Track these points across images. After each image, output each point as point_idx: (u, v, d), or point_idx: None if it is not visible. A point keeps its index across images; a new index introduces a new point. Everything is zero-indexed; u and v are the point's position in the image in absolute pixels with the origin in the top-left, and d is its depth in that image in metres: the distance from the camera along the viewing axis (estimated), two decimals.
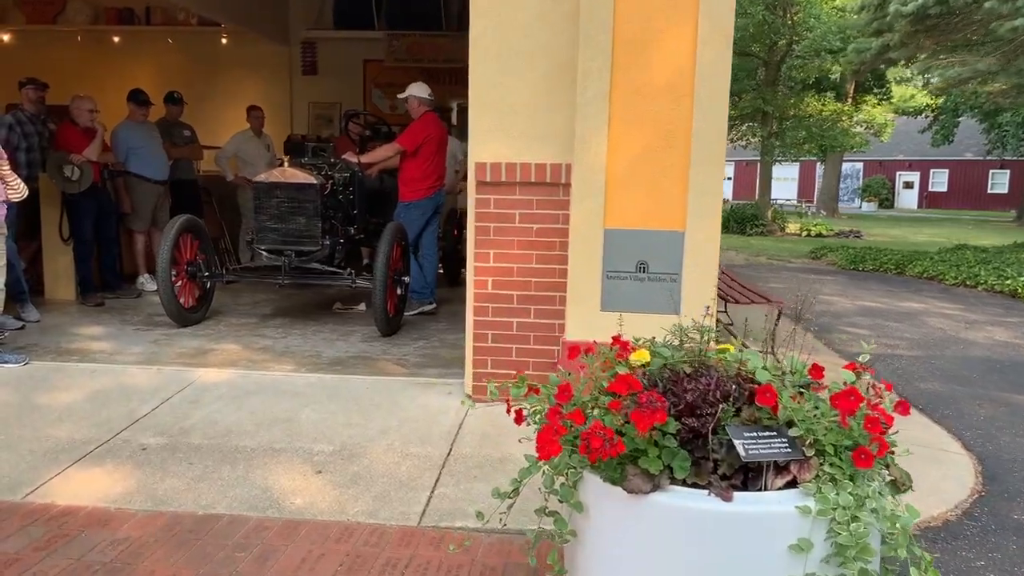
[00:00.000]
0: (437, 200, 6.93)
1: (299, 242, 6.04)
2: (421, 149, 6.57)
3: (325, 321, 6.46)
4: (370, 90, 12.08)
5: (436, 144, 6.73)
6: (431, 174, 6.75)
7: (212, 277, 6.22)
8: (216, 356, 5.25)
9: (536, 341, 4.29)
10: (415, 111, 6.67)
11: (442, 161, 6.88)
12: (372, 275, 5.96)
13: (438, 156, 6.78)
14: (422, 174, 6.66)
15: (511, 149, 4.22)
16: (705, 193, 4.03)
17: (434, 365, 5.14)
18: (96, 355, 5.22)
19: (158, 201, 7.83)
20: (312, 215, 5.99)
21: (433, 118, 6.71)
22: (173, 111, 8.46)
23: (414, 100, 6.65)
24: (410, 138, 6.53)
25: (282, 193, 5.96)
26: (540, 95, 4.17)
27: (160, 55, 11.77)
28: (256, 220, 6.04)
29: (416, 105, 6.65)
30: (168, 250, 5.78)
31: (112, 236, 7.30)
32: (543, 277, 4.24)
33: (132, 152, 7.57)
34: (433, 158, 6.72)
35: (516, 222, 4.23)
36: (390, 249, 5.78)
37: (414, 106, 6.66)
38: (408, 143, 6.52)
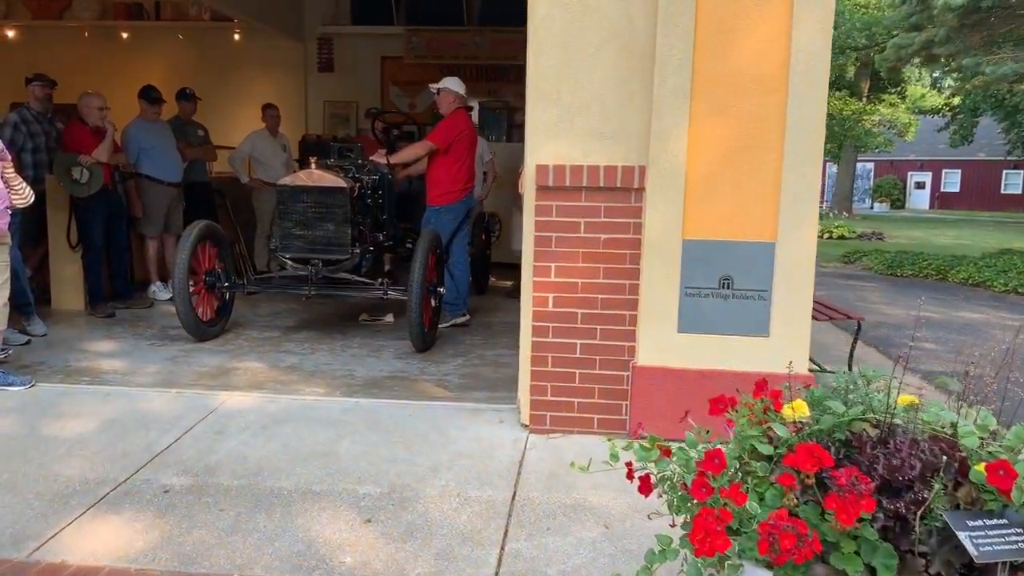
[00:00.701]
0: (468, 204, 6.47)
1: (327, 250, 5.57)
2: (452, 148, 6.11)
3: (352, 335, 6.00)
4: (388, 88, 11.62)
5: (468, 143, 6.28)
6: (462, 175, 6.29)
7: (232, 288, 5.76)
8: (239, 376, 4.79)
9: (603, 365, 3.82)
10: (446, 106, 6.21)
11: (473, 162, 6.42)
12: (406, 286, 5.50)
13: (469, 156, 6.32)
14: (453, 176, 6.20)
15: (576, 149, 3.75)
16: (800, 199, 3.56)
17: (478, 387, 4.67)
18: (108, 375, 4.76)
19: (171, 204, 7.38)
20: (341, 221, 5.53)
21: (464, 116, 6.27)
22: (186, 109, 8.01)
23: (448, 94, 6.19)
24: (442, 135, 6.07)
25: (308, 198, 5.49)
26: (611, 88, 3.70)
27: (170, 52, 11.34)
28: (280, 226, 5.58)
29: (449, 100, 6.19)
30: (185, 259, 5.33)
31: (123, 242, 6.85)
32: (611, 294, 3.78)
33: (144, 153, 7.12)
34: (465, 158, 6.26)
35: (581, 232, 3.76)
36: (426, 258, 5.32)
37: (447, 101, 6.20)
38: (441, 140, 6.06)
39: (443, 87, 6.21)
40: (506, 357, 5.38)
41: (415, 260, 5.26)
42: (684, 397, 3.72)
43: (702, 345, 3.70)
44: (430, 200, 6.25)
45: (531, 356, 3.89)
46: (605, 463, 2.01)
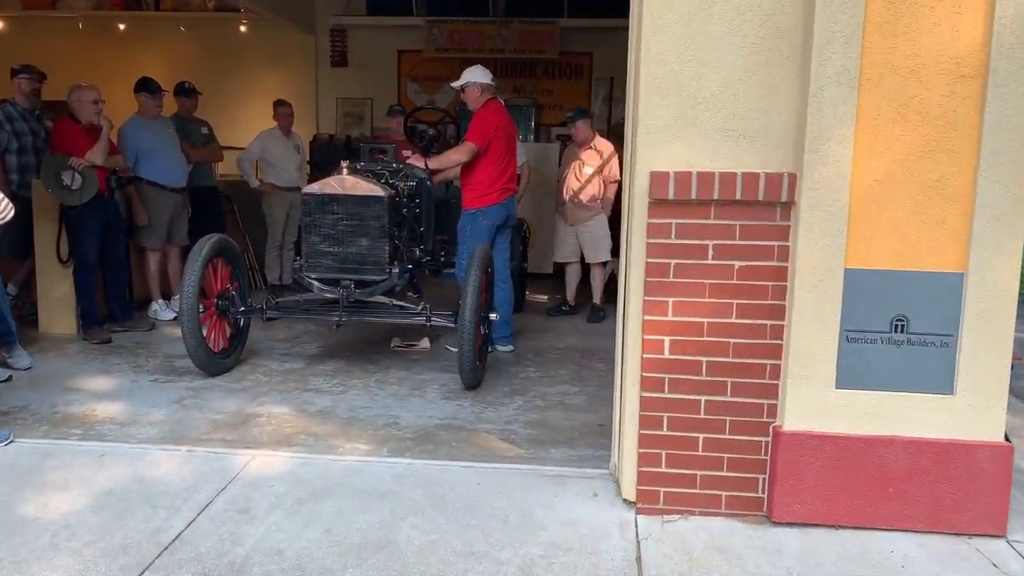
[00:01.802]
0: (509, 208, 5.63)
1: (361, 269, 4.75)
2: (490, 145, 5.30)
3: (386, 365, 5.18)
4: (406, 84, 10.81)
5: (506, 138, 5.46)
6: (503, 174, 5.47)
7: (249, 313, 4.93)
8: (262, 426, 3.96)
9: (734, 429, 3.00)
10: (475, 101, 5.40)
11: (514, 159, 5.60)
12: (453, 311, 4.69)
13: (509, 153, 5.51)
14: (493, 175, 5.38)
15: (703, 153, 2.94)
16: (999, 217, 2.75)
17: (553, 441, 3.85)
18: (104, 426, 3.94)
19: (175, 212, 6.55)
20: (378, 236, 4.70)
21: (499, 107, 5.45)
22: (186, 104, 7.17)
23: (474, 88, 5.38)
24: (480, 132, 5.25)
25: (340, 208, 4.67)
26: (748, 74, 2.89)
27: (171, 44, 10.51)
28: (306, 242, 4.75)
29: (477, 93, 5.38)
30: (195, 281, 4.50)
31: (121, 257, 6.02)
32: (747, 337, 2.96)
33: (144, 154, 6.30)
34: (504, 155, 5.45)
35: (709, 257, 2.94)
36: (480, 279, 4.49)
37: (474, 95, 5.39)
38: (479, 139, 5.24)
39: (466, 82, 5.40)
40: (572, 396, 4.56)
41: (467, 281, 4.44)
42: (842, 471, 2.91)
43: (867, 404, 2.89)
44: (466, 204, 5.43)
45: (640, 415, 3.07)
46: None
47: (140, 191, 6.28)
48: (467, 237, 5.42)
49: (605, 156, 6.75)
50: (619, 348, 3.29)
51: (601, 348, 5.81)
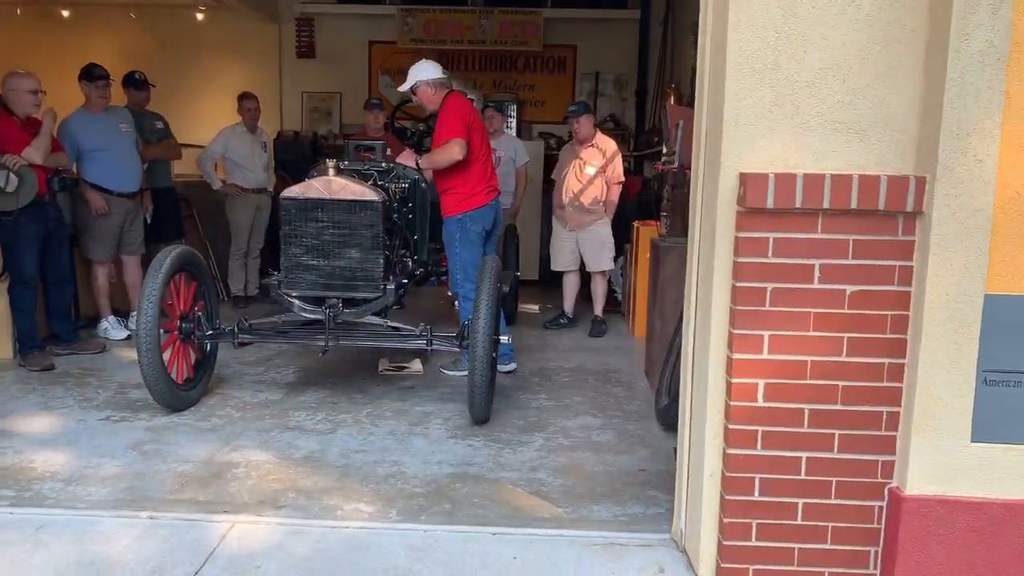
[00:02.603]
0: (497, 210, 5.02)
1: (351, 286, 4.09)
2: (469, 140, 4.68)
3: (377, 394, 4.52)
4: (377, 78, 10.11)
5: (481, 131, 4.86)
6: (485, 171, 4.86)
7: (218, 337, 4.23)
8: (240, 480, 3.28)
9: (841, 491, 2.43)
10: (432, 100, 4.73)
11: (490, 153, 4.99)
12: (458, 333, 4.07)
13: (486, 146, 4.90)
14: (476, 173, 4.77)
15: (804, 150, 2.36)
16: None
17: (593, 493, 3.24)
18: (43, 483, 3.22)
19: (126, 220, 5.79)
20: (371, 247, 4.05)
21: (461, 99, 4.80)
22: (137, 97, 6.41)
23: (425, 88, 4.70)
24: (457, 124, 4.59)
25: (326, 215, 4.00)
26: (862, 52, 2.32)
27: (120, 34, 9.68)
28: (285, 255, 4.08)
29: (431, 92, 4.71)
30: (155, 303, 3.80)
31: (65, 269, 5.26)
32: (859, 379, 2.39)
33: (90, 153, 5.53)
34: (483, 150, 4.84)
35: (814, 281, 2.36)
36: (493, 297, 3.87)
37: (428, 95, 4.72)
38: (462, 131, 4.59)
39: (415, 83, 4.71)
40: (599, 432, 3.97)
41: (479, 298, 3.80)
42: (980, 545, 2.36)
43: (1010, 462, 2.34)
44: (449, 209, 4.78)
45: (722, 475, 2.48)
46: None
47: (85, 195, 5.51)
48: (457, 247, 4.79)
49: (608, 155, 6.18)
50: (687, 391, 2.70)
51: (613, 368, 5.24)
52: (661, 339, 4.52)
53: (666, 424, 3.88)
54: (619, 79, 10.04)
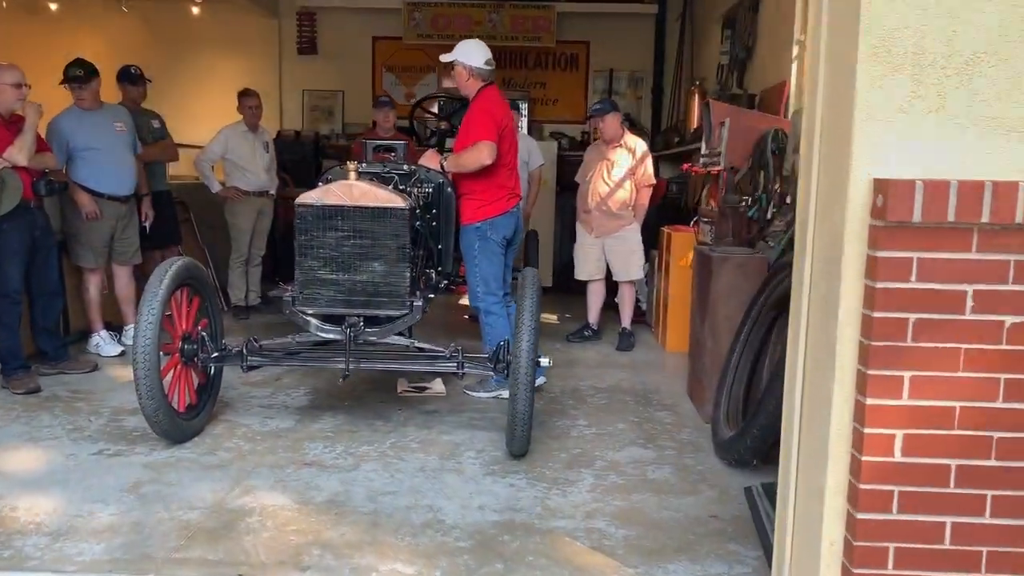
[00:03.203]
0: (518, 216, 4.61)
1: (374, 303, 3.65)
2: (500, 142, 4.27)
3: (399, 420, 4.09)
4: (381, 75, 9.69)
5: (511, 133, 4.45)
6: (510, 176, 4.46)
7: (224, 360, 3.79)
8: (255, 533, 2.84)
9: (994, 564, 2.01)
10: (464, 86, 4.36)
11: (516, 156, 4.57)
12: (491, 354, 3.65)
13: (513, 150, 4.49)
14: (500, 178, 4.36)
15: (948, 151, 1.94)
16: None
17: (664, 547, 2.81)
18: (26, 539, 2.77)
19: (118, 225, 5.35)
20: (396, 259, 3.61)
21: (495, 95, 4.37)
22: (132, 93, 5.97)
23: (461, 69, 4.32)
24: (490, 125, 4.19)
25: (347, 224, 3.57)
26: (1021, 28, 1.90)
27: (112, 29, 9.25)
28: (300, 268, 3.64)
29: (464, 78, 4.32)
30: (154, 324, 3.35)
31: (53, 281, 4.81)
32: (1018, 429, 1.97)
33: (80, 153, 5.09)
34: (511, 153, 4.44)
35: (966, 311, 1.94)
36: (536, 316, 3.43)
37: (462, 78, 4.34)
38: (493, 133, 4.18)
39: (454, 59, 4.33)
40: (654, 467, 3.55)
41: (521, 318, 3.37)
42: None
43: None
44: (468, 216, 4.36)
45: (845, 543, 2.06)
46: None
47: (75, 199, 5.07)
48: (476, 258, 4.37)
49: (638, 155, 5.76)
50: (792, 437, 2.28)
51: (651, 388, 4.83)
52: (712, 359, 4.11)
53: (731, 460, 3.47)
54: (634, 76, 9.66)
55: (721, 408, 3.86)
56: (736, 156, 4.63)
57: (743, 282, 4.05)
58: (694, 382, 4.49)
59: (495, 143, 4.13)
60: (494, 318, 4.35)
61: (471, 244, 4.34)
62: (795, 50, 5.54)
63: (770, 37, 6.10)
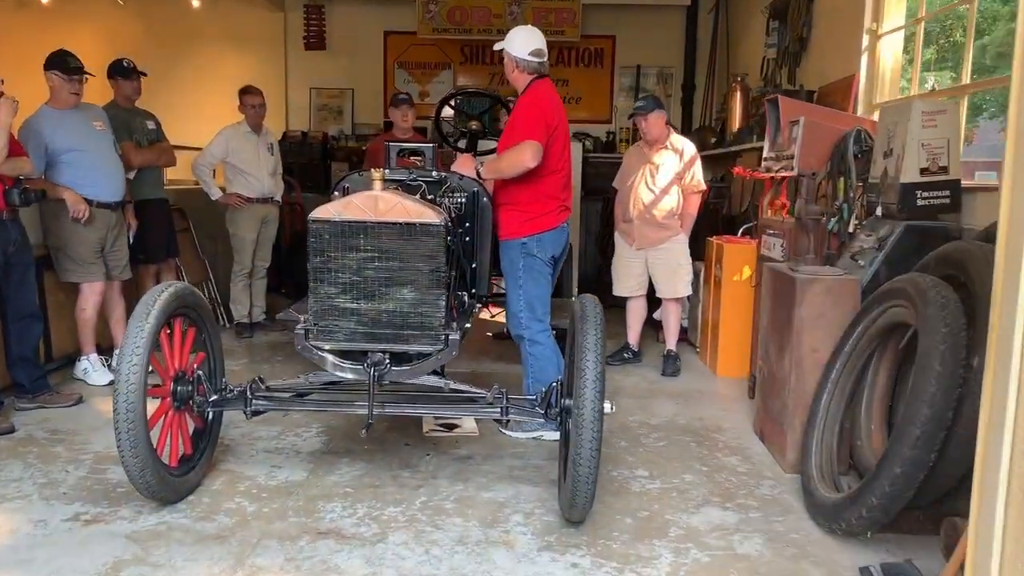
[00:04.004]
0: (567, 232, 4.01)
1: (403, 337, 3.05)
2: (551, 145, 3.68)
3: (428, 470, 3.50)
4: (393, 72, 9.12)
5: (565, 136, 3.86)
6: (563, 185, 3.88)
7: (224, 405, 3.19)
8: None
9: None
10: (511, 78, 3.82)
11: (569, 161, 3.96)
12: (538, 395, 3.06)
13: (566, 157, 3.89)
14: (551, 187, 3.80)
15: None
16: None
17: None
18: None
19: (107, 236, 4.77)
20: (429, 284, 3.02)
21: (548, 89, 3.79)
22: (125, 88, 5.38)
23: (509, 60, 3.78)
24: (537, 123, 3.61)
25: (372, 243, 2.97)
26: None
27: (106, 23, 8.70)
28: (315, 294, 3.04)
29: (511, 68, 3.78)
30: (141, 366, 2.77)
31: (30, 304, 4.23)
32: None
33: (62, 156, 4.51)
34: (562, 159, 3.84)
35: None
36: (601, 354, 2.83)
37: (508, 68, 3.81)
38: (542, 133, 3.60)
39: (502, 47, 3.80)
40: (740, 536, 2.96)
41: (583, 358, 2.76)
42: None
43: None
44: (510, 231, 3.79)
45: None
46: None
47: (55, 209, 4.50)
48: (520, 279, 3.79)
49: (686, 158, 5.17)
50: (992, 511, 1.68)
51: (711, 424, 4.24)
52: (795, 398, 3.52)
53: (836, 528, 2.87)
54: (663, 73, 9.07)
55: (811, 459, 3.27)
56: (812, 159, 4.04)
57: (832, 309, 3.46)
58: (766, 421, 3.89)
59: (541, 144, 3.54)
60: (540, 348, 3.76)
61: (514, 263, 3.76)
62: (865, 40, 4.96)
63: (830, 27, 5.51)
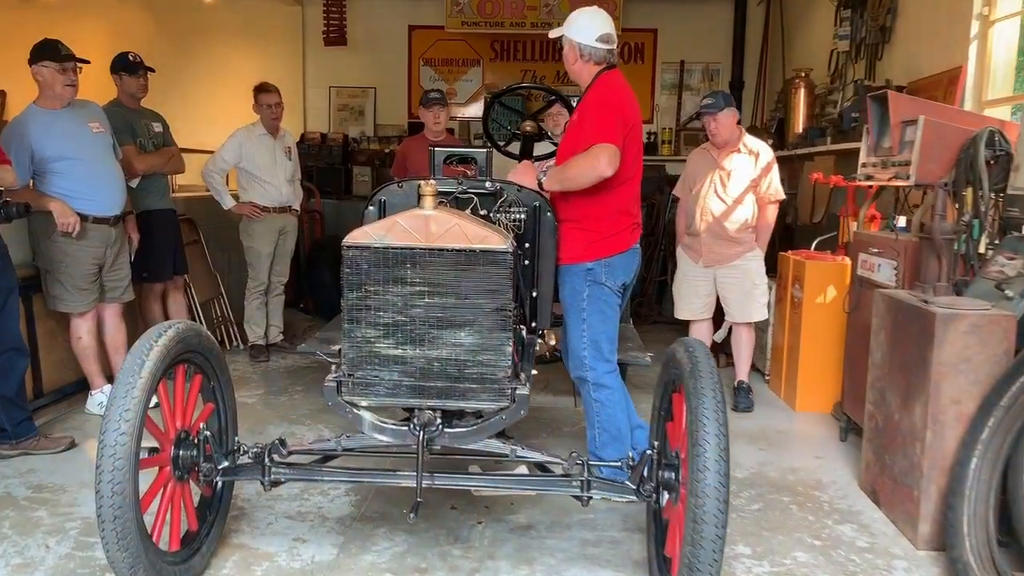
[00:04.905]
0: (638, 256, 3.33)
1: (459, 391, 2.43)
2: (625, 150, 3.02)
3: (483, 544, 2.88)
4: (418, 69, 8.53)
5: (639, 139, 3.20)
6: (635, 198, 3.22)
7: (236, 474, 2.58)
8: None
9: None
10: (573, 70, 3.16)
11: (641, 168, 3.29)
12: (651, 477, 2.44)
13: (639, 163, 3.22)
14: (622, 200, 3.14)
15: None
16: None
17: None
18: None
19: (107, 253, 4.19)
20: (494, 326, 2.38)
21: (621, 83, 3.11)
22: (130, 84, 4.80)
23: (569, 49, 3.12)
24: (612, 124, 2.94)
25: (421, 274, 2.35)
26: None
27: (114, 18, 8.21)
28: (349, 338, 2.42)
29: (572, 58, 3.13)
30: (133, 433, 2.16)
31: (12, 335, 3.65)
32: None
33: (52, 164, 3.94)
34: (636, 166, 3.18)
35: None
36: (724, 413, 2.20)
37: (568, 59, 3.15)
38: (617, 135, 2.94)
39: (562, 33, 3.14)
40: None
41: (700, 417, 2.13)
42: None
43: None
44: (574, 253, 3.10)
45: None
46: None
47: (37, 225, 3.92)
48: (584, 311, 3.12)
49: (762, 163, 4.53)
50: None
51: (807, 477, 3.61)
52: (931, 458, 2.87)
53: None
54: (708, 69, 8.43)
55: (964, 540, 2.63)
56: (933, 166, 3.39)
57: (980, 351, 2.82)
58: (882, 480, 3.25)
59: (618, 148, 2.91)
60: (608, 394, 3.13)
61: (577, 292, 3.12)
62: (974, 27, 4.31)
63: (925, 13, 4.85)
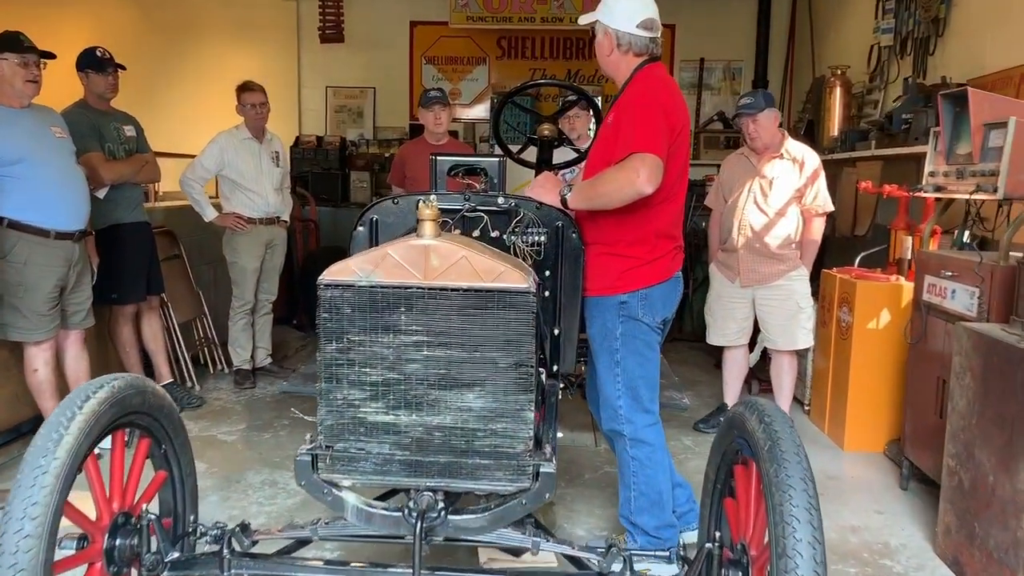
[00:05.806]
0: (680, 285, 2.79)
1: (466, 467, 1.91)
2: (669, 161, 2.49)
3: None
4: (420, 68, 8.04)
5: (686, 147, 2.66)
6: (678, 218, 2.70)
7: (188, 567, 2.06)
8: None
9: None
10: (608, 63, 2.65)
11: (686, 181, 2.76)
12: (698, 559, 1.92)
13: (685, 178, 2.69)
14: (665, 219, 2.63)
15: None
16: None
17: None
18: None
19: (69, 273, 3.70)
20: (511, 385, 1.87)
21: (664, 79, 2.61)
22: (98, 85, 4.30)
23: (603, 38, 2.61)
24: (654, 128, 2.41)
25: (419, 319, 1.83)
26: None
27: (98, 12, 7.75)
28: (327, 400, 1.90)
29: (606, 48, 2.61)
30: (45, 520, 1.65)
31: None
32: None
33: (7, 171, 3.44)
34: (681, 181, 2.66)
35: None
36: (817, 513, 1.68)
37: (602, 49, 2.64)
38: (660, 145, 2.41)
39: (595, 18, 2.62)
40: None
41: (789, 525, 1.62)
42: None
43: None
44: (604, 284, 2.59)
45: None
46: None
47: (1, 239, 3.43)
48: (618, 352, 2.60)
49: (807, 170, 4.02)
50: None
51: (868, 533, 3.12)
52: None
53: None
54: (729, 68, 7.92)
55: None
56: None
57: None
58: (967, 548, 2.73)
59: (662, 159, 2.40)
60: (647, 451, 2.62)
61: (608, 330, 2.60)
62: None
63: (985, 2, 4.34)
